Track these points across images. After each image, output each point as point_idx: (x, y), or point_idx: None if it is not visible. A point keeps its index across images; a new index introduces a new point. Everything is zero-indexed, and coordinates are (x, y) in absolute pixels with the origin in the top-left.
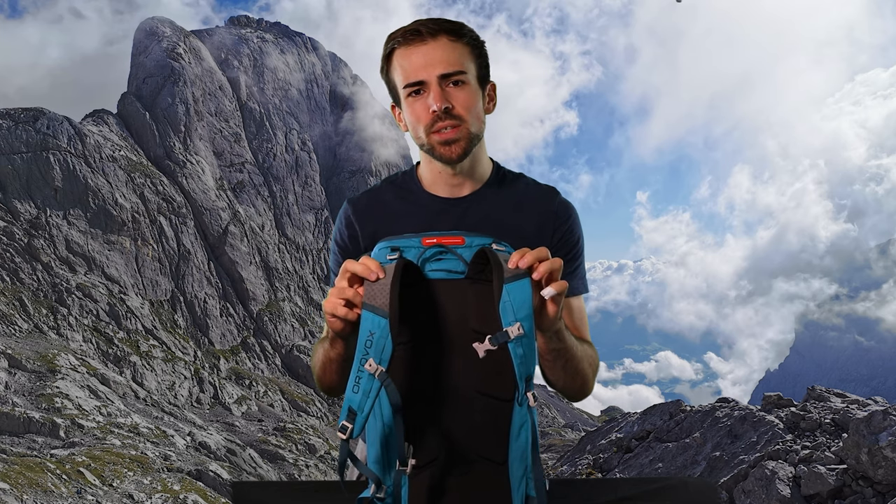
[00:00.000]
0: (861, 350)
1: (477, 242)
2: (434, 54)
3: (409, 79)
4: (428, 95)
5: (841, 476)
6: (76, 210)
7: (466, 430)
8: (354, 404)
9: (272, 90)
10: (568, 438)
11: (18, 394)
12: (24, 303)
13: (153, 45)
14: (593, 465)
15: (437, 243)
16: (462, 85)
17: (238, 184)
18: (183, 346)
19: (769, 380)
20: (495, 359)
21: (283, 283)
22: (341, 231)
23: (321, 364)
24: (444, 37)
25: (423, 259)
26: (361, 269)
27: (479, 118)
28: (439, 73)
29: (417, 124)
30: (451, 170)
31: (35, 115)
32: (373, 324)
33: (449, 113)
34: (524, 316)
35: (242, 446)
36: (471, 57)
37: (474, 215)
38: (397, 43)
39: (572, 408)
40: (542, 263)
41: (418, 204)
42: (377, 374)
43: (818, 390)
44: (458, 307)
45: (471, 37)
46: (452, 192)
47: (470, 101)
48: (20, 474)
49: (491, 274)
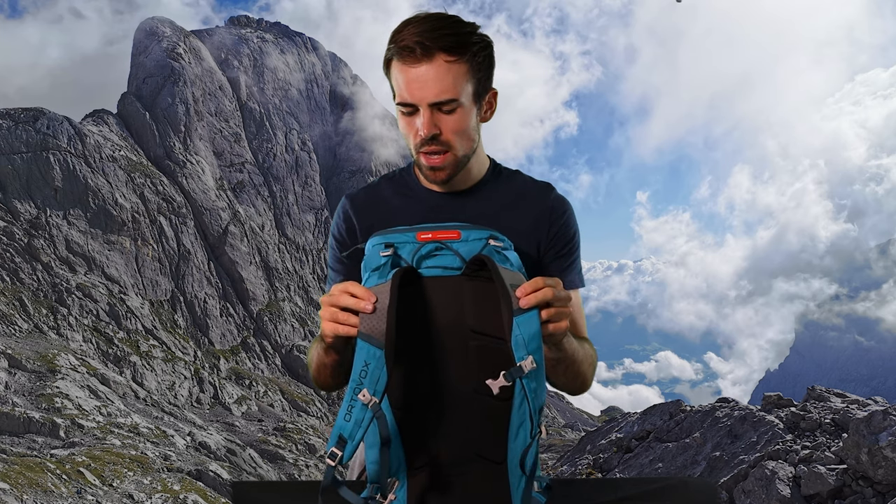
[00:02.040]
0: (861, 350)
1: (473, 236)
2: (427, 79)
3: (401, 98)
4: (418, 117)
5: (841, 476)
6: (76, 210)
7: (464, 429)
8: (346, 432)
9: (272, 90)
10: (568, 438)
11: (18, 394)
12: (24, 303)
13: (153, 45)
14: (593, 465)
15: (432, 238)
16: (453, 112)
17: (238, 184)
18: (183, 346)
19: (769, 380)
20: (493, 359)
21: (283, 283)
22: (339, 225)
23: (316, 366)
24: (440, 57)
25: (418, 256)
26: (353, 302)
27: (469, 138)
28: (429, 101)
29: (408, 138)
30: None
31: (35, 115)
32: (368, 354)
33: (436, 139)
34: (535, 348)
35: (242, 446)
36: (468, 75)
37: (471, 211)
38: (395, 53)
39: (572, 408)
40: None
41: (416, 199)
42: (370, 406)
43: (818, 390)
44: (455, 305)
45: (472, 51)
46: (449, 187)
47: (460, 125)
48: (20, 474)
49: (488, 271)
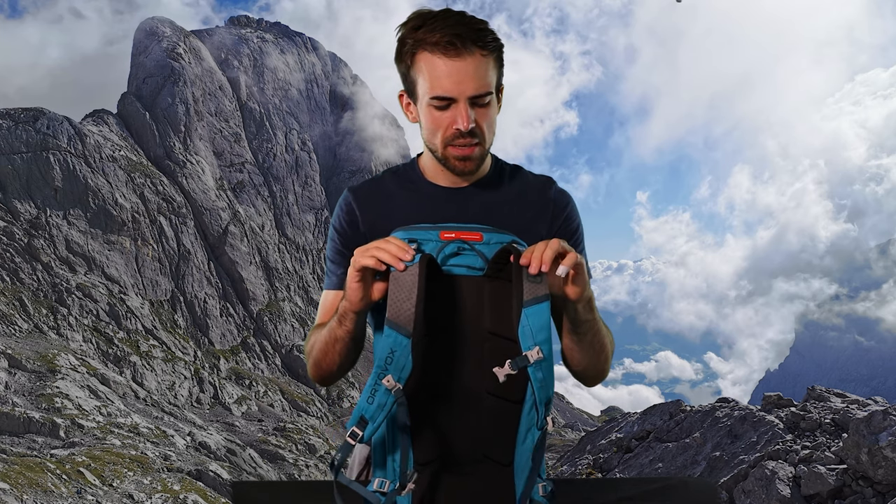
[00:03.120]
0: (861, 350)
1: (496, 240)
2: (467, 72)
3: (438, 92)
4: (454, 111)
5: (841, 476)
6: (76, 210)
7: (474, 429)
8: (368, 414)
9: (272, 90)
10: (568, 438)
11: (18, 394)
12: (24, 303)
13: (153, 45)
14: (593, 465)
15: (456, 238)
16: (487, 105)
17: (238, 184)
18: (183, 346)
19: (769, 380)
20: (504, 359)
21: (283, 283)
22: (341, 217)
23: (323, 347)
24: (477, 52)
25: (443, 255)
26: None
27: (493, 132)
28: (470, 94)
29: (436, 132)
30: None
31: (35, 115)
32: (395, 342)
33: (472, 132)
34: (543, 340)
35: (242, 446)
36: (495, 68)
37: (475, 205)
38: (428, 47)
39: (572, 408)
40: (546, 253)
41: (420, 193)
42: (394, 391)
43: (818, 390)
44: (475, 305)
45: (495, 44)
46: (454, 182)
47: (491, 119)
48: (20, 474)
49: (510, 273)
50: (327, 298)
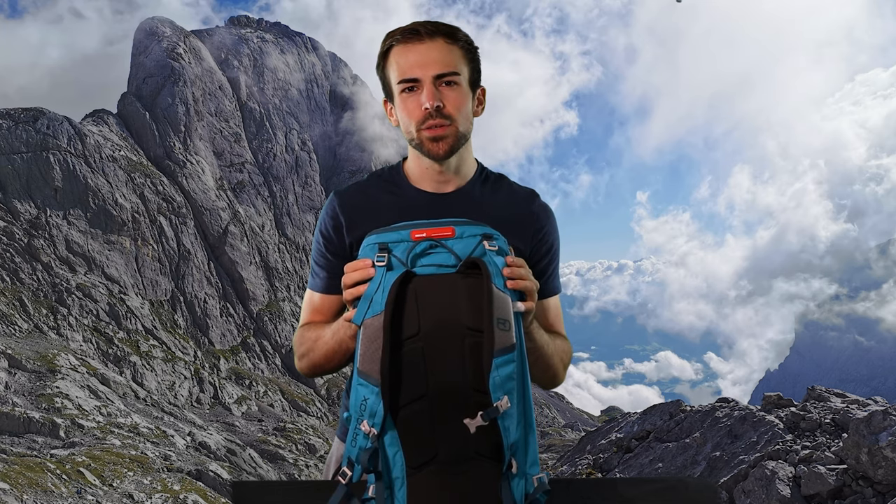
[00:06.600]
0: (861, 350)
1: (468, 233)
2: (430, 54)
3: (405, 75)
4: (421, 93)
5: (841, 476)
6: (76, 210)
7: (463, 427)
8: (353, 456)
9: (272, 90)
10: (568, 438)
11: (18, 394)
12: (24, 303)
13: (153, 45)
14: (593, 465)
15: (426, 237)
16: (454, 86)
17: (238, 184)
18: (183, 346)
19: (769, 380)
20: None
21: (283, 283)
22: (325, 222)
23: (327, 352)
24: (441, 38)
25: (413, 254)
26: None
27: (467, 119)
28: (434, 72)
29: (409, 120)
30: (438, 166)
31: (35, 115)
32: (368, 391)
33: (440, 111)
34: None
35: (242, 446)
36: (464, 60)
37: (458, 211)
38: (395, 41)
39: (572, 408)
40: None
41: (404, 197)
42: (370, 436)
43: (818, 390)
44: (450, 303)
45: (466, 41)
46: (438, 187)
47: (460, 102)
48: (20, 474)
49: (482, 272)
50: (312, 299)
